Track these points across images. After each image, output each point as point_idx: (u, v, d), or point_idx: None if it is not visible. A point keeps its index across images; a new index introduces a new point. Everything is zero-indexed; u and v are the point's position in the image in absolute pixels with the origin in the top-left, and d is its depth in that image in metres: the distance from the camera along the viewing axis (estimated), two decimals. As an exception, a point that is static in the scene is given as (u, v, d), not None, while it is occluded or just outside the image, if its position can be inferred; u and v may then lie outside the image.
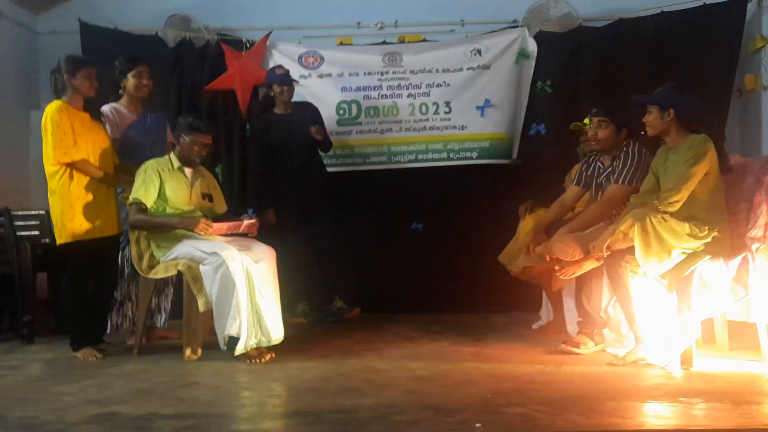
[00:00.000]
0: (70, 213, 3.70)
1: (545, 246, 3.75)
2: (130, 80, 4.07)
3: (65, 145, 3.65)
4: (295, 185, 4.70)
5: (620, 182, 3.68)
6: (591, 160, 3.93)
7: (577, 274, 3.56)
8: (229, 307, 3.52)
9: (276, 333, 3.66)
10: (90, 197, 3.74)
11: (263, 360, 3.55)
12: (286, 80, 4.70)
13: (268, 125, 4.77)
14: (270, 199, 4.77)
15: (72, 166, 3.69)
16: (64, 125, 3.65)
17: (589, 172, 3.91)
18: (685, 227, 3.28)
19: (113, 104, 4.12)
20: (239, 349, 3.53)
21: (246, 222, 3.84)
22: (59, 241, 3.75)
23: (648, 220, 3.23)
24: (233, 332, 3.53)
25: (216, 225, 3.73)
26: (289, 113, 4.74)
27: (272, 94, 4.74)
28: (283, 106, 4.74)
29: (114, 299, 4.10)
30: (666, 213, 3.30)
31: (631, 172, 3.67)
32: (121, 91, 4.11)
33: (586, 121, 4.22)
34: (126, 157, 4.02)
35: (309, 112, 4.79)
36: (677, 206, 3.32)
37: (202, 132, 3.82)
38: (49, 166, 3.71)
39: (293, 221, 4.69)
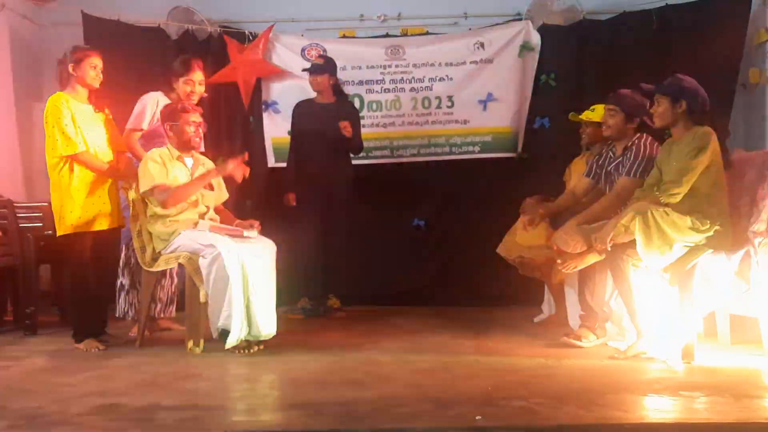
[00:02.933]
0: (69, 205, 3.70)
1: (549, 234, 3.76)
2: (180, 86, 4.08)
3: (68, 137, 3.65)
4: (317, 179, 4.62)
5: (630, 175, 3.66)
6: (602, 150, 3.93)
7: (579, 267, 3.56)
8: (222, 299, 3.53)
9: (267, 328, 3.64)
10: (90, 190, 3.75)
11: (250, 351, 3.57)
12: (315, 69, 4.66)
13: (298, 111, 4.72)
14: (293, 185, 4.75)
15: (74, 158, 3.69)
16: (65, 118, 3.66)
17: (600, 162, 3.91)
18: (687, 220, 3.28)
19: (162, 96, 4.12)
20: (230, 342, 3.53)
21: (246, 232, 3.82)
22: (59, 232, 3.76)
23: (650, 213, 3.22)
24: (224, 324, 3.54)
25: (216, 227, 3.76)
26: (324, 104, 4.68)
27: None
28: (319, 96, 4.70)
29: (122, 286, 4.12)
30: (668, 206, 3.30)
31: (642, 165, 3.65)
32: (173, 95, 4.11)
33: (586, 112, 4.23)
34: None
35: (345, 107, 4.73)
36: (678, 198, 3.31)
37: (188, 111, 3.84)
38: (50, 158, 3.72)
39: (308, 216, 4.65)
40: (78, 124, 3.70)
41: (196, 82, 4.13)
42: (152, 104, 4.10)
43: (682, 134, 3.44)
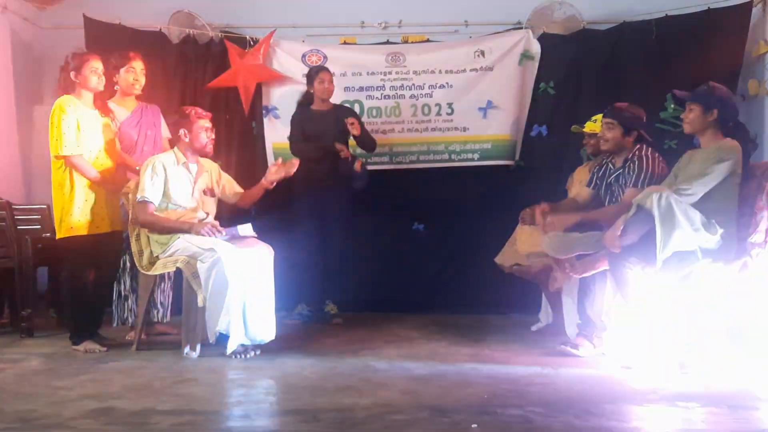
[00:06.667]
0: (69, 208, 3.72)
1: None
2: (122, 76, 4.10)
3: (67, 139, 3.67)
4: (318, 184, 4.62)
5: (637, 186, 3.64)
6: (603, 162, 3.94)
7: (589, 273, 3.57)
8: (221, 303, 3.53)
9: (264, 333, 3.66)
10: (90, 193, 3.76)
11: (247, 356, 3.57)
12: (322, 67, 4.72)
13: (303, 118, 4.70)
14: (291, 196, 4.73)
15: (68, 160, 3.70)
16: (69, 119, 3.68)
17: (600, 173, 3.92)
18: (699, 216, 3.27)
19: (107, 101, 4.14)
20: (230, 346, 3.54)
21: (240, 227, 3.84)
22: (58, 235, 3.77)
23: (665, 194, 3.20)
24: (223, 329, 3.55)
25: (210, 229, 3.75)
26: (322, 111, 4.69)
27: (312, 91, 4.68)
28: (321, 103, 4.71)
29: (119, 294, 4.12)
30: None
31: (648, 176, 3.65)
32: (116, 87, 4.14)
33: (588, 123, 4.25)
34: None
35: (345, 111, 4.76)
36: (692, 200, 3.30)
37: (204, 117, 3.91)
38: (54, 160, 3.74)
39: (309, 221, 4.65)
40: (81, 128, 3.72)
41: (137, 70, 4.13)
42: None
43: (709, 143, 3.46)
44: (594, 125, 4.19)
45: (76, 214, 3.72)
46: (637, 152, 3.73)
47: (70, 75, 3.77)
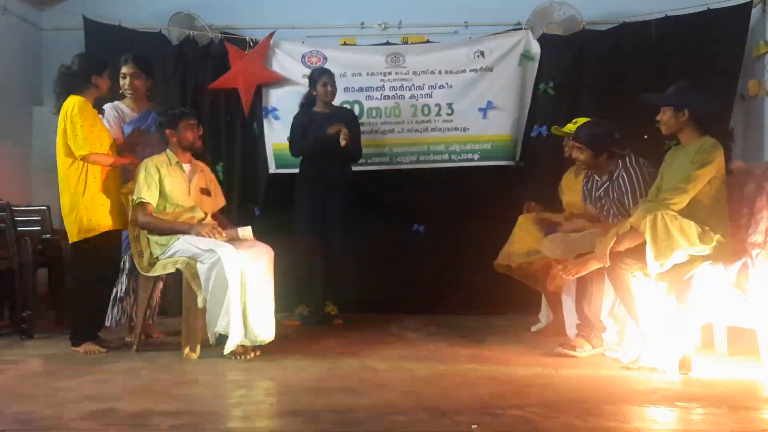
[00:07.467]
0: (85, 211, 3.71)
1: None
2: (120, 80, 4.13)
3: (91, 137, 3.67)
4: (317, 185, 4.65)
5: (637, 203, 3.63)
6: (589, 174, 3.95)
7: (581, 273, 3.56)
8: (221, 304, 3.54)
9: (264, 333, 3.66)
10: (101, 193, 3.77)
11: (247, 357, 3.58)
12: (326, 71, 4.72)
13: (305, 120, 4.71)
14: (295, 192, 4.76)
15: (87, 158, 3.69)
16: (90, 119, 3.69)
17: (588, 187, 3.93)
18: (693, 228, 3.27)
19: (117, 102, 4.14)
20: (228, 347, 3.55)
21: (240, 229, 3.85)
22: (73, 238, 3.75)
23: (659, 215, 3.21)
24: (222, 330, 3.55)
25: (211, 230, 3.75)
26: (323, 113, 4.70)
27: (314, 93, 4.70)
28: (323, 105, 4.72)
29: (115, 295, 4.12)
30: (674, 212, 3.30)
31: (644, 188, 3.65)
32: (121, 91, 4.15)
33: (568, 125, 4.26)
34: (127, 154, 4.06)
35: (345, 115, 4.76)
36: (677, 207, 3.31)
37: (188, 115, 3.94)
38: (64, 161, 3.72)
39: (308, 222, 4.66)
40: (98, 127, 3.75)
41: (128, 74, 4.14)
42: (114, 112, 4.13)
43: (689, 141, 3.46)
44: (573, 126, 4.21)
45: (93, 214, 3.72)
46: (622, 164, 3.73)
47: (88, 76, 3.76)
